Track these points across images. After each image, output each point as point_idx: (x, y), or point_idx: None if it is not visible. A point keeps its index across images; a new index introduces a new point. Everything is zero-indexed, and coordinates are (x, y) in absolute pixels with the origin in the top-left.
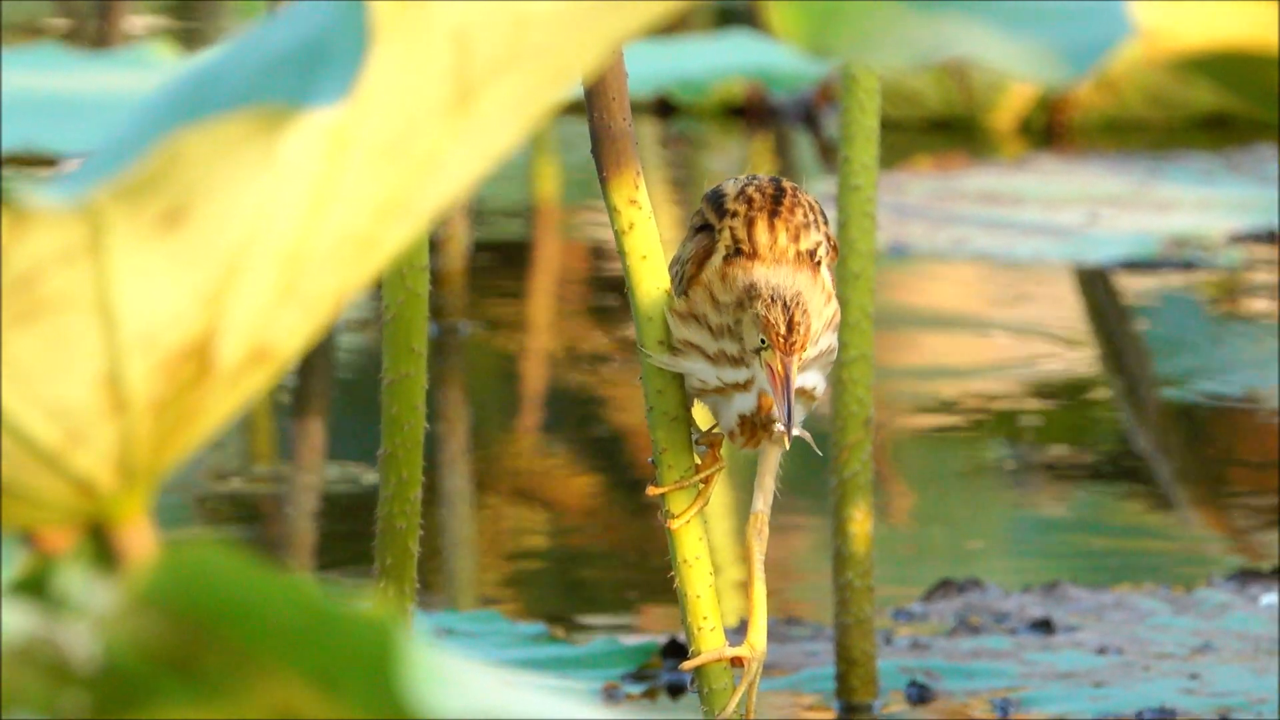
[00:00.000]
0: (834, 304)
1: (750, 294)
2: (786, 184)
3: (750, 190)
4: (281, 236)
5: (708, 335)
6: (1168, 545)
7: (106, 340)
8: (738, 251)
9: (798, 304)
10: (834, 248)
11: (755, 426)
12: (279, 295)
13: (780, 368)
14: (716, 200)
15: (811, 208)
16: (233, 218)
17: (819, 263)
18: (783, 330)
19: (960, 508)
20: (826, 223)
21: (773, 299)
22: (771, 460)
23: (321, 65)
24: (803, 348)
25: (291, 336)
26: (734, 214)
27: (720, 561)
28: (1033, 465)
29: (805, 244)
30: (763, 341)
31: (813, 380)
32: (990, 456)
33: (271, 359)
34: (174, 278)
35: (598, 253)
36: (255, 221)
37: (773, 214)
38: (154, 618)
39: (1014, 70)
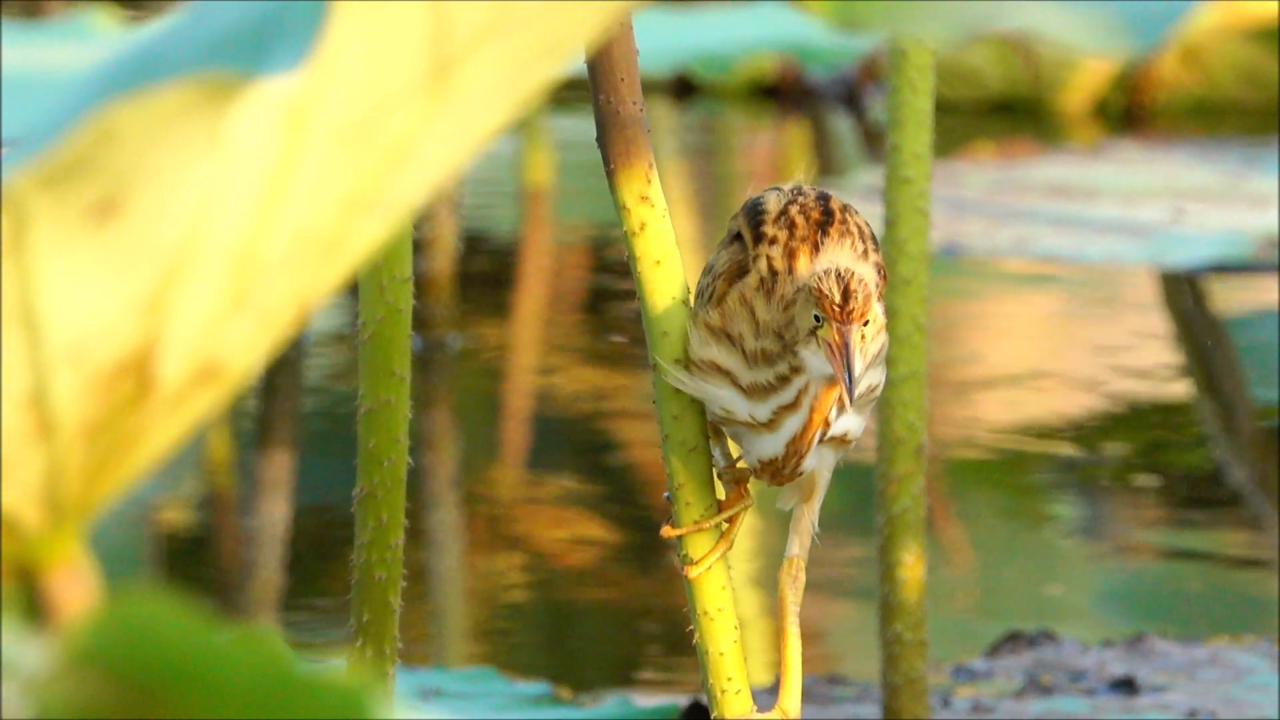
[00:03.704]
0: (883, 336)
1: (799, 291)
2: (835, 204)
3: (794, 212)
4: (231, 233)
5: (740, 360)
6: (1270, 592)
7: (30, 353)
8: (775, 278)
9: (852, 275)
10: (884, 277)
11: (778, 472)
12: (229, 303)
13: (838, 337)
14: (754, 216)
15: (862, 235)
16: (173, 210)
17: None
18: (837, 298)
19: (1029, 549)
20: (878, 249)
21: (825, 273)
22: (814, 490)
23: (279, 34)
24: (861, 316)
25: (244, 351)
26: (773, 240)
27: (747, 614)
28: (1113, 500)
29: None
30: (817, 319)
31: (849, 423)
32: (1064, 490)
33: (221, 377)
34: (107, 281)
35: (606, 256)
36: (200, 215)
37: (817, 246)
38: (94, 679)
39: (1074, 41)
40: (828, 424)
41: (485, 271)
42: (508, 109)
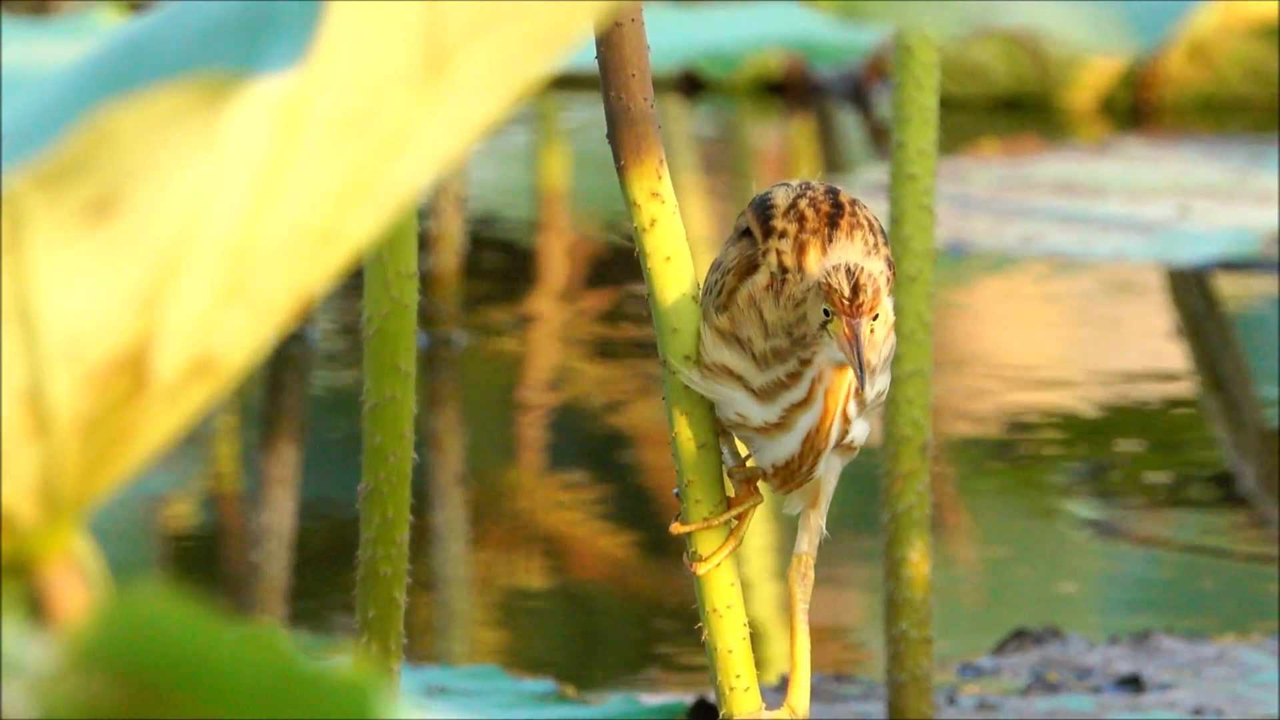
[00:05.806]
0: (893, 338)
1: (810, 289)
2: (844, 198)
3: (803, 205)
4: (226, 228)
5: (750, 364)
6: (1276, 590)
7: (26, 350)
8: (784, 278)
9: (862, 269)
10: (893, 272)
11: (792, 474)
12: (224, 296)
13: (848, 329)
14: (763, 211)
15: (871, 228)
16: (169, 207)
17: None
18: (847, 292)
19: (1037, 546)
20: (887, 243)
21: (834, 268)
22: (819, 495)
23: (270, 28)
24: (871, 310)
25: (239, 345)
26: (782, 234)
27: (756, 611)
28: (1120, 497)
29: None
30: (826, 313)
31: (855, 429)
32: (1071, 487)
33: (216, 371)
34: (103, 278)
35: (614, 252)
36: (195, 211)
37: (828, 240)
38: (100, 678)
39: (1076, 39)
40: (847, 419)
41: (492, 268)
42: (503, 100)
